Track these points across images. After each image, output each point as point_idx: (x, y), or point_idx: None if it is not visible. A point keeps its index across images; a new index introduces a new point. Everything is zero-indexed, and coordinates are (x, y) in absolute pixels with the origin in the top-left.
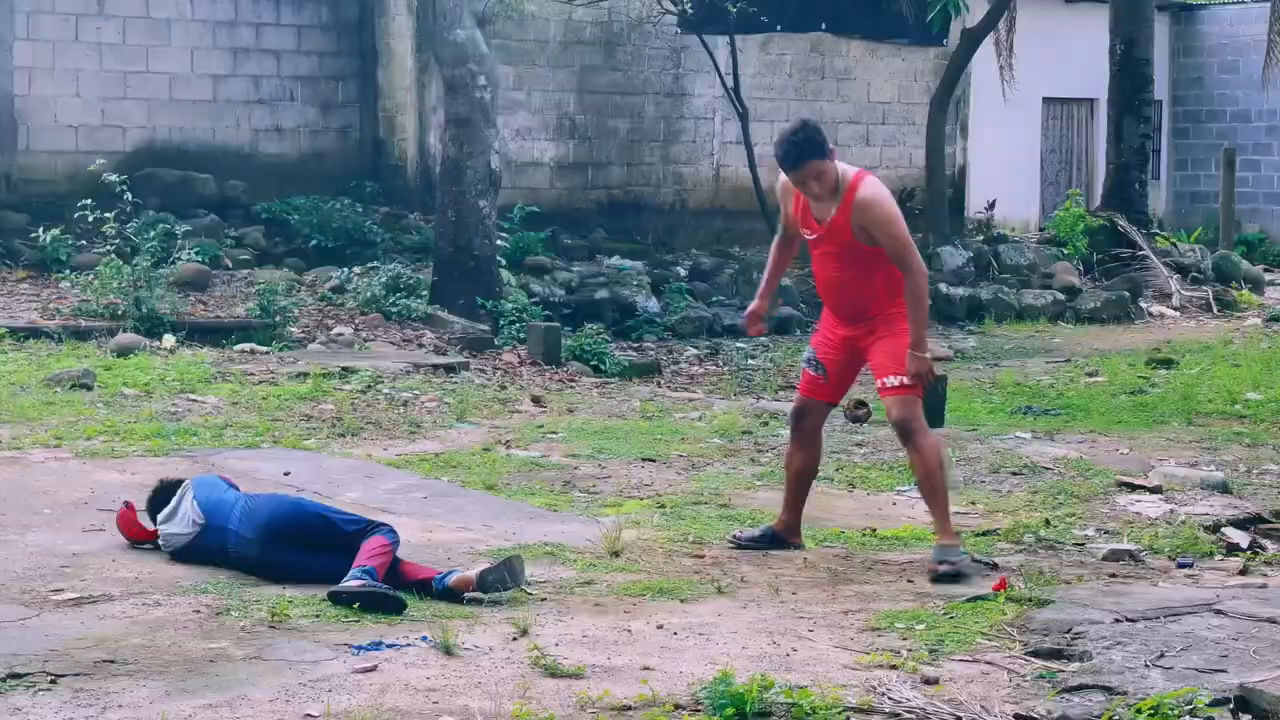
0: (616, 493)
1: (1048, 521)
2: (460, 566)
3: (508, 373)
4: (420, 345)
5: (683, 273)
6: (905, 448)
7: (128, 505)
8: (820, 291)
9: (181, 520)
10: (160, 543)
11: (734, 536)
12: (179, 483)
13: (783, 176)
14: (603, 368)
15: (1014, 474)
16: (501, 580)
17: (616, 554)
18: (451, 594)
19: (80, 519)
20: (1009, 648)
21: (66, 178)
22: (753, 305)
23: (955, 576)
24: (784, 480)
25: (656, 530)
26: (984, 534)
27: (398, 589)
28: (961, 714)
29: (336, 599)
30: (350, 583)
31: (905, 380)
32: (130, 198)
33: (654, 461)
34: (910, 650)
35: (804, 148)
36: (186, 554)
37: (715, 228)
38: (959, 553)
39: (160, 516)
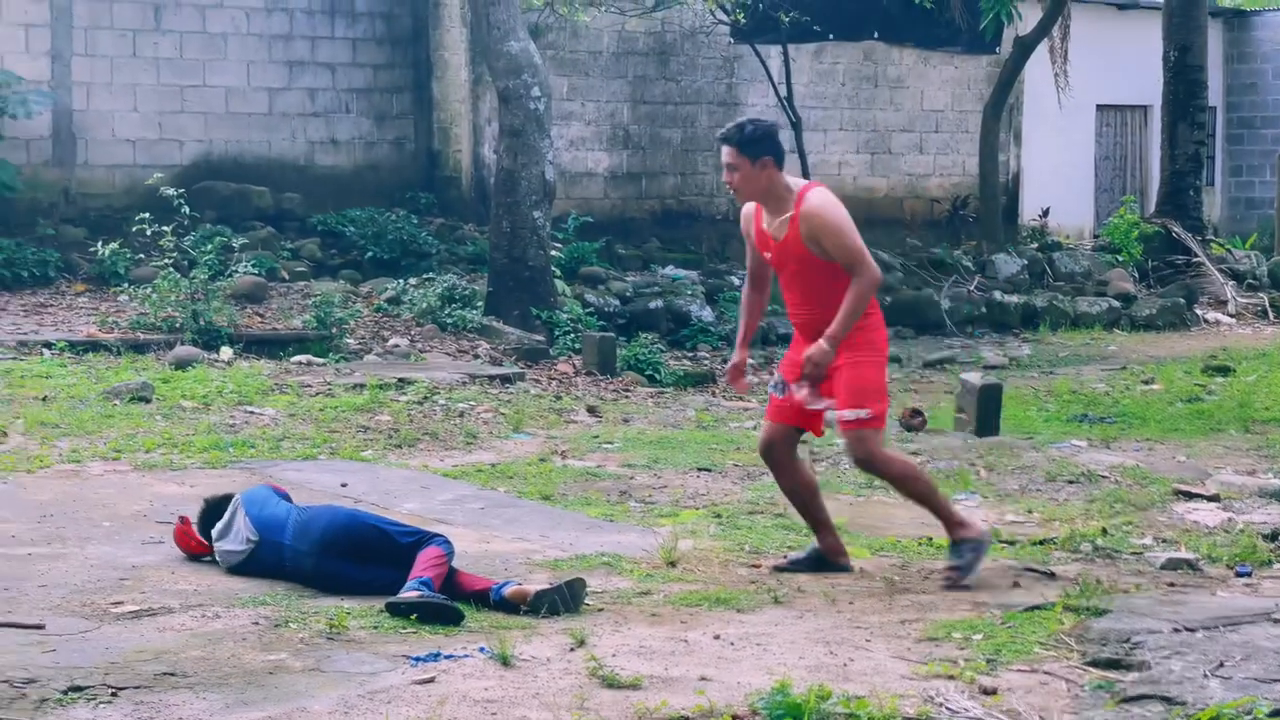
0: (672, 503)
1: (1105, 530)
2: (517, 578)
3: (563, 383)
4: (475, 356)
5: (736, 282)
6: (878, 479)
7: (183, 520)
8: (789, 314)
9: (235, 537)
10: (216, 559)
11: (779, 564)
12: (228, 498)
13: (745, 206)
14: (657, 377)
15: (1070, 482)
16: (556, 604)
17: (673, 564)
18: (508, 605)
19: (139, 531)
20: (1067, 657)
21: (124, 191)
22: (734, 358)
23: (966, 571)
24: (800, 508)
25: (713, 540)
26: (1040, 543)
27: (454, 600)
28: None
29: (394, 610)
30: (407, 594)
31: (862, 415)
32: (187, 211)
33: (710, 471)
34: (968, 660)
35: (761, 139)
36: (243, 569)
37: None
38: (972, 547)
39: (214, 533)
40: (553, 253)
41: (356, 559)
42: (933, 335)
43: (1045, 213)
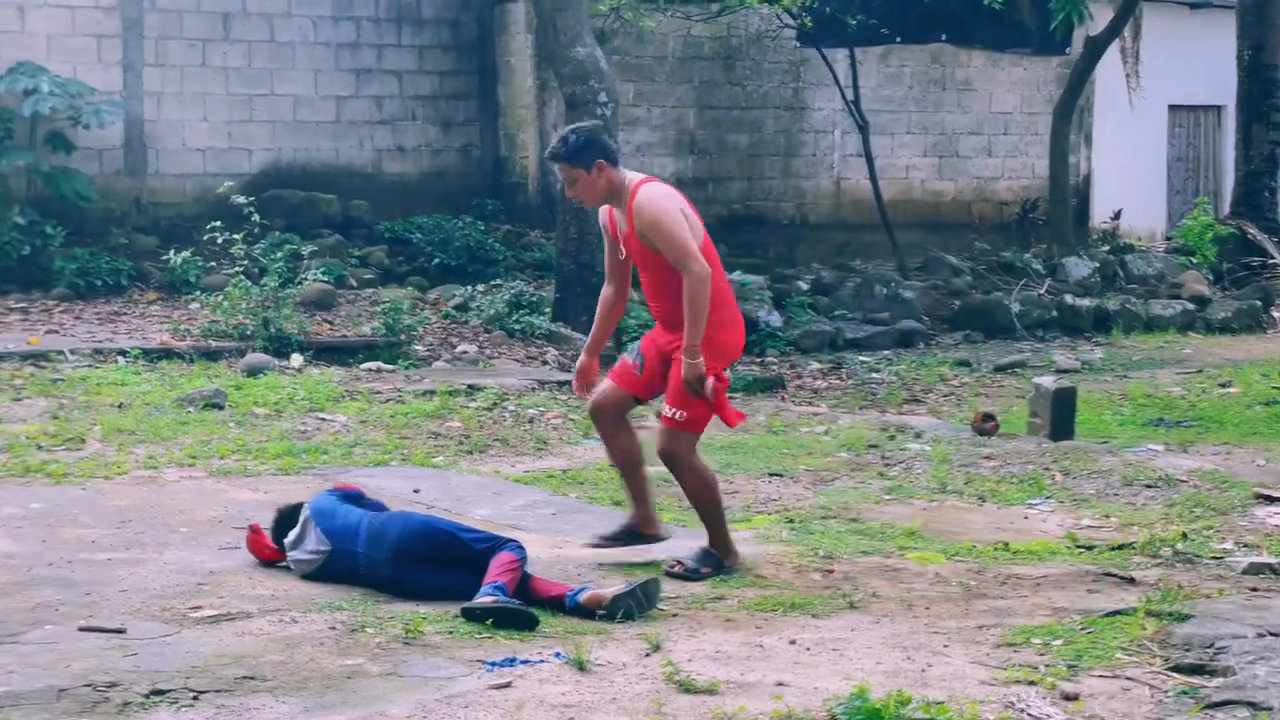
0: (744, 508)
1: (1185, 535)
2: (591, 583)
3: None
4: (544, 362)
5: (804, 287)
6: (673, 476)
7: (254, 529)
8: (647, 305)
9: (308, 546)
10: (290, 566)
11: (591, 541)
12: (299, 507)
13: (601, 209)
14: None
15: (1148, 487)
16: (632, 608)
17: (747, 569)
18: (583, 611)
19: (216, 537)
20: (1149, 663)
21: (195, 200)
22: (581, 361)
23: (685, 576)
24: (622, 474)
25: (785, 545)
26: (1119, 548)
27: (529, 605)
28: None
29: (470, 615)
30: (482, 599)
31: (681, 415)
32: (257, 219)
33: (781, 476)
34: (1048, 666)
35: (586, 146)
36: (317, 576)
37: (836, 241)
38: (716, 564)
39: (287, 542)
40: None
41: (430, 565)
42: (1003, 339)
43: (1117, 215)
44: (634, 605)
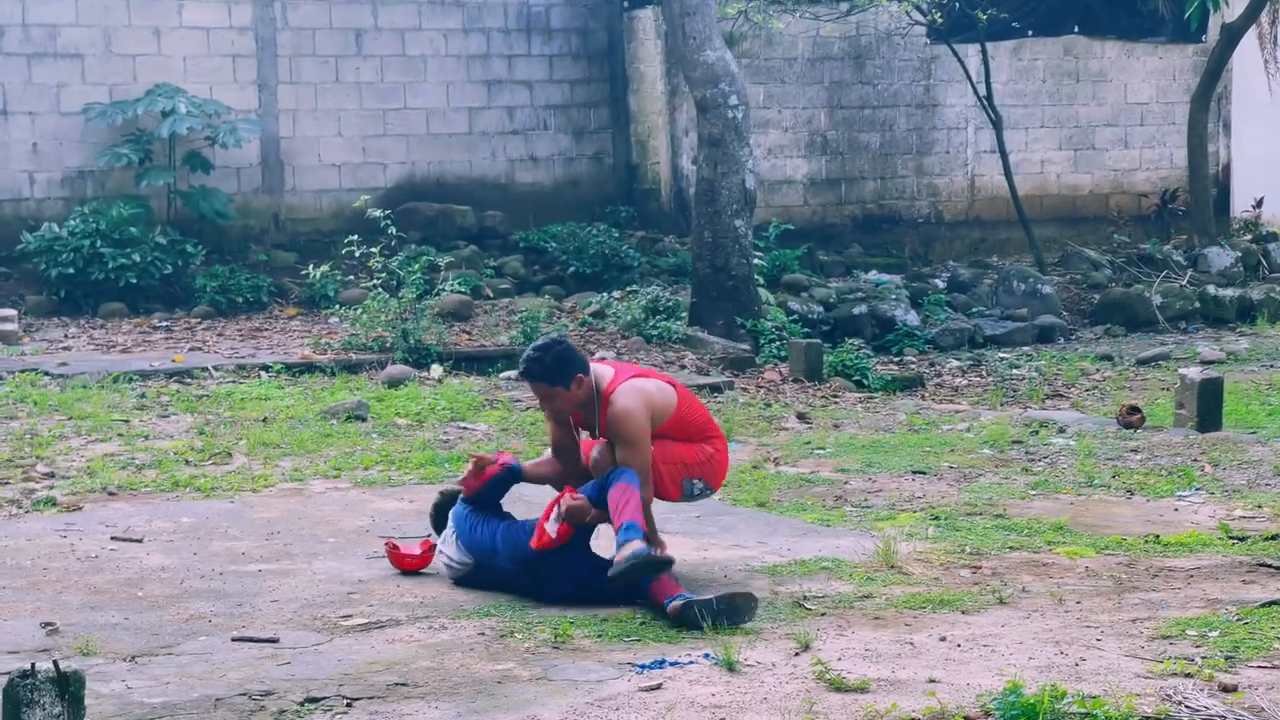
0: (889, 506)
1: None
2: (724, 585)
3: (770, 390)
4: (682, 366)
5: (941, 285)
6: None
7: (390, 545)
8: None
9: (453, 554)
10: (441, 563)
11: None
12: (455, 497)
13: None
14: (865, 382)
15: None
16: (696, 618)
17: (893, 567)
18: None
19: (363, 546)
20: None
21: (331, 215)
22: (489, 462)
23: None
24: None
25: (932, 542)
26: (1273, 538)
27: (647, 607)
28: None
29: (615, 579)
30: (621, 554)
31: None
32: (393, 232)
33: (924, 474)
34: (1205, 657)
35: (564, 363)
36: (464, 584)
37: (972, 238)
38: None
39: (441, 539)
40: (755, 261)
41: (564, 556)
42: (1144, 332)
43: (1259, 203)
44: (700, 615)
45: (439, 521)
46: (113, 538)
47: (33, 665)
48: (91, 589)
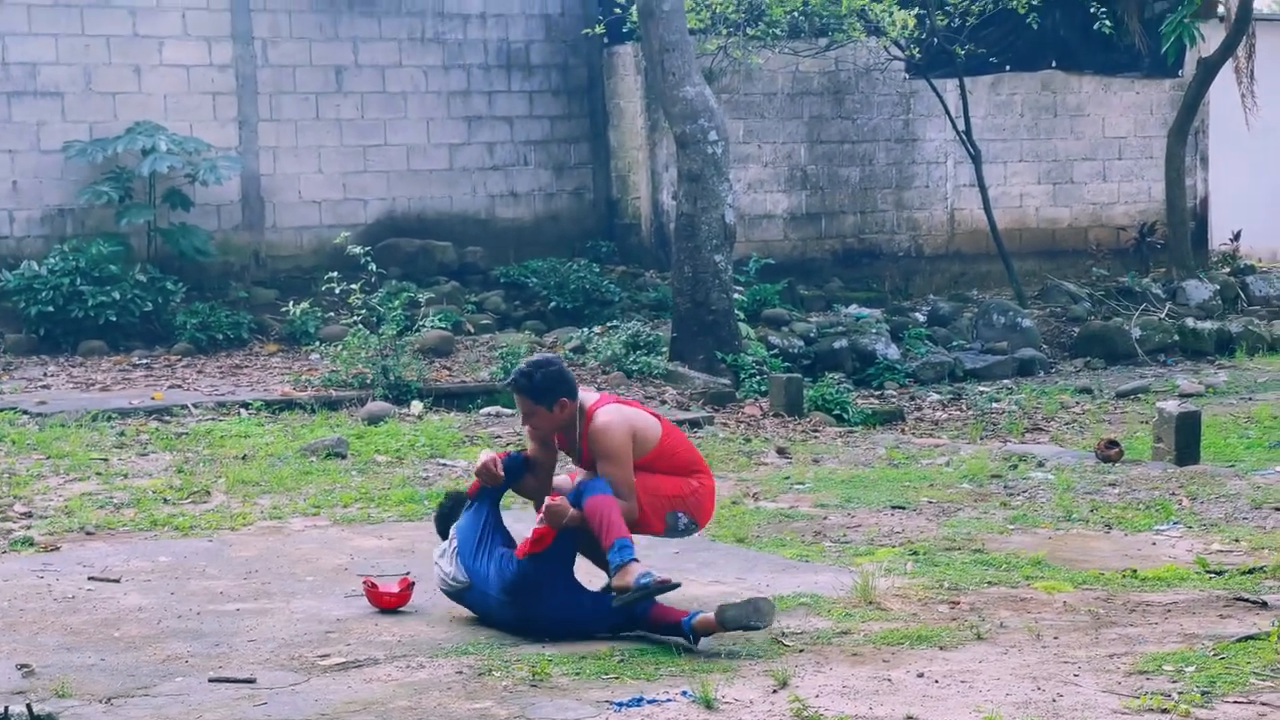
0: (867, 541)
1: None
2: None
3: (751, 425)
4: (662, 401)
5: (921, 318)
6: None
7: (368, 583)
8: None
9: (450, 571)
10: (436, 574)
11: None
12: (461, 502)
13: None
14: (845, 417)
15: (1277, 509)
16: (742, 619)
17: (871, 603)
18: (698, 634)
19: (341, 585)
20: None
21: (312, 252)
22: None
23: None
24: None
25: (910, 578)
26: (1249, 571)
27: (651, 631)
28: None
29: (621, 605)
30: (619, 581)
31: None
32: (373, 268)
33: (903, 509)
34: (1181, 693)
35: (554, 385)
36: (454, 598)
37: (952, 272)
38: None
39: (439, 550)
40: (735, 296)
41: (551, 585)
42: (1124, 365)
43: (1236, 236)
44: (747, 614)
45: (443, 527)
46: (90, 578)
47: (5, 708)
48: (68, 629)
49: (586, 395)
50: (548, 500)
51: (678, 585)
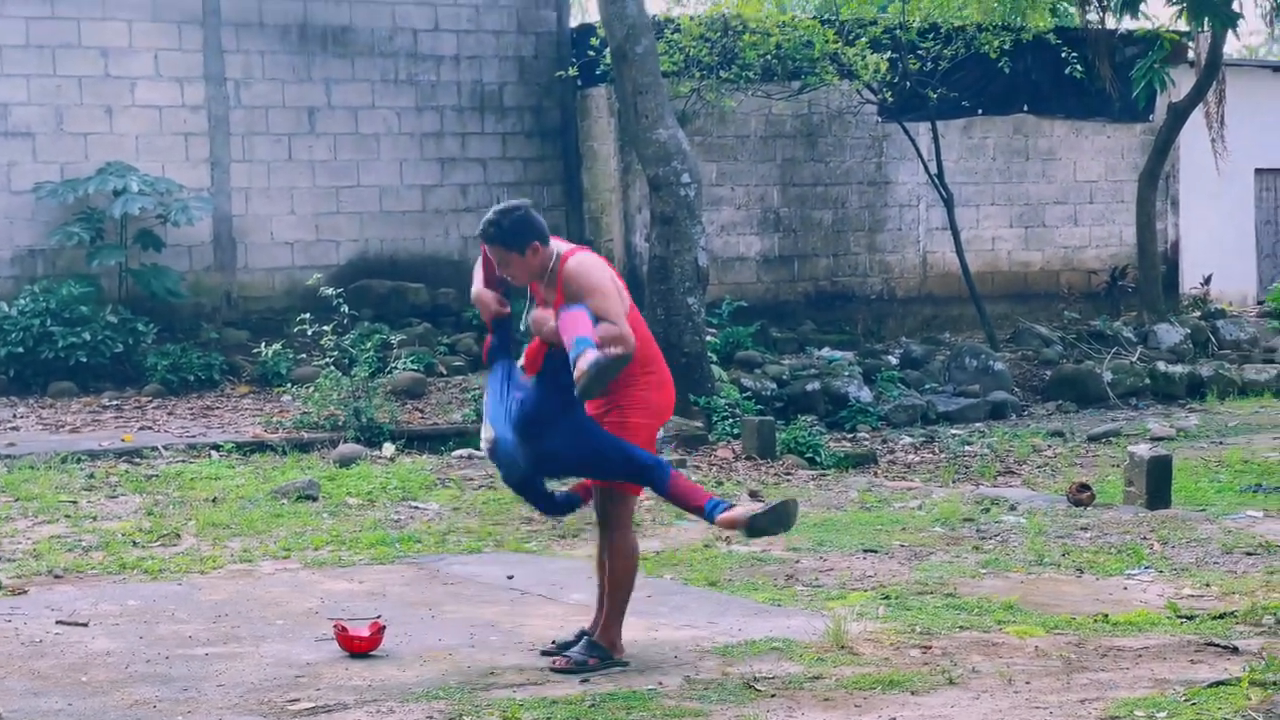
0: (840, 585)
1: None
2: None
3: (723, 468)
4: None
5: (893, 361)
6: (600, 539)
7: (338, 627)
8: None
9: (485, 428)
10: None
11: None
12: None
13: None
14: (818, 460)
15: (1248, 554)
16: (771, 526)
17: (843, 647)
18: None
19: (312, 629)
20: None
21: (284, 293)
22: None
23: (573, 672)
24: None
25: (882, 622)
26: (1220, 616)
27: (672, 503)
28: None
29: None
30: (581, 371)
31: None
32: (346, 310)
33: (876, 552)
34: None
35: (522, 228)
36: (493, 460)
37: (924, 315)
38: (604, 658)
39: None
40: (708, 338)
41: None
42: (1095, 408)
43: (1207, 280)
44: (776, 520)
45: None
46: (58, 621)
47: None
48: (35, 674)
49: (559, 244)
50: (536, 311)
51: (627, 358)
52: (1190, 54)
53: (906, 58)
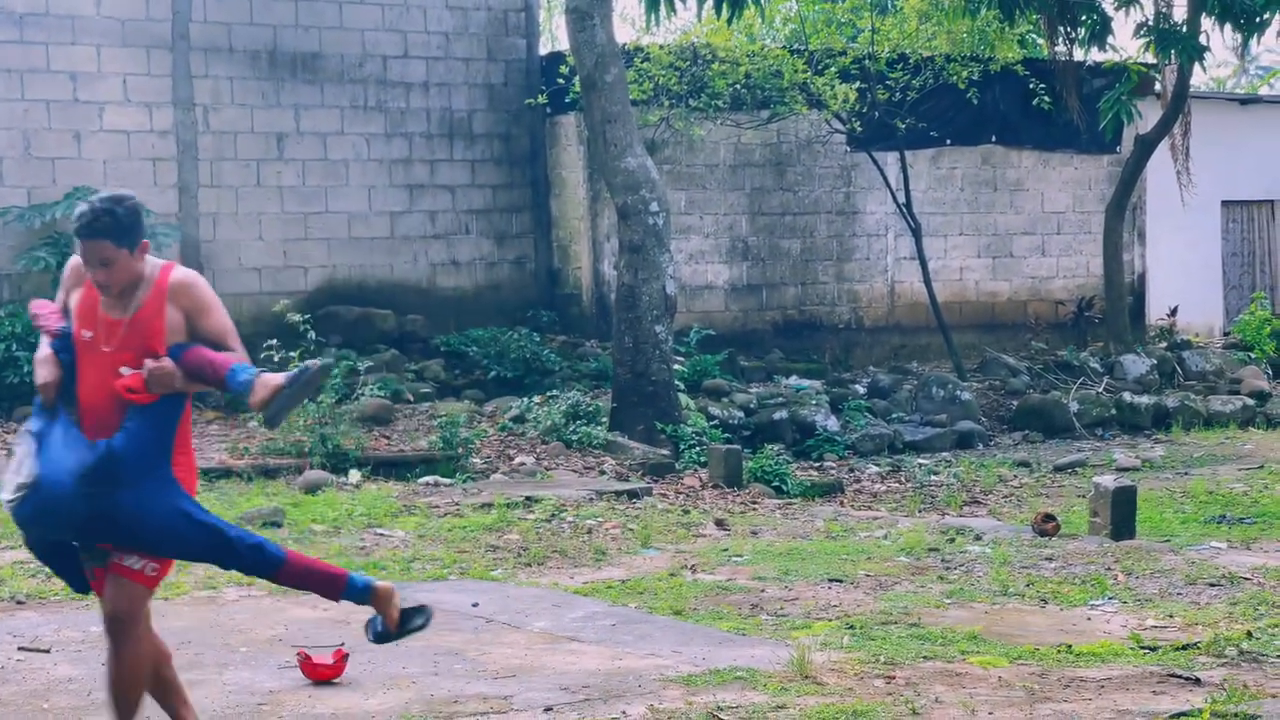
0: (804, 615)
1: (1250, 634)
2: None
3: (690, 496)
4: (601, 472)
5: (861, 390)
6: (110, 644)
7: (303, 655)
8: (82, 408)
9: (15, 475)
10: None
11: None
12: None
13: (74, 260)
14: (784, 488)
15: (1211, 585)
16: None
17: (807, 677)
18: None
19: (275, 656)
20: None
21: (252, 319)
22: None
23: None
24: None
25: (847, 652)
26: (1183, 648)
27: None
28: None
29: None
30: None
31: (150, 568)
32: (313, 336)
33: (841, 582)
34: None
35: (137, 222)
36: (14, 516)
37: (892, 344)
38: None
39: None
40: (676, 366)
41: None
42: (1062, 439)
43: (1173, 311)
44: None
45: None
46: (20, 648)
47: None
48: None
49: (154, 260)
50: (150, 364)
51: (333, 365)
52: (1157, 86)
53: (875, 88)
